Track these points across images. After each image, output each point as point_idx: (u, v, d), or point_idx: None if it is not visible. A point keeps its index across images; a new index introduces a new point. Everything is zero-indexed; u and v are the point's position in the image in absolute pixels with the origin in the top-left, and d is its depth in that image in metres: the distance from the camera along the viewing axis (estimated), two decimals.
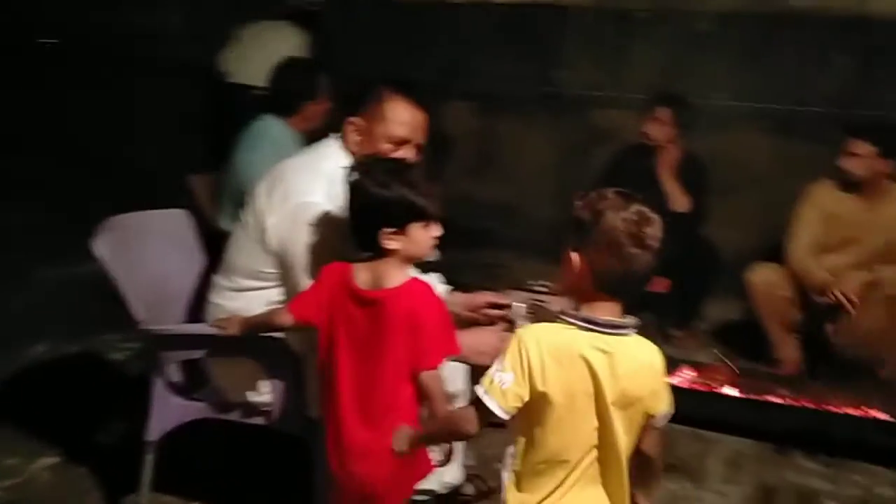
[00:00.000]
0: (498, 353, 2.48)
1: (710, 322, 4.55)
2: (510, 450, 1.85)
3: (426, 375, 2.05)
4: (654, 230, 1.72)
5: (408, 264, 2.13)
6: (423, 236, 2.09)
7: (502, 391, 1.74)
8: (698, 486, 3.14)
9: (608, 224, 1.72)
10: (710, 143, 4.73)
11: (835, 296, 3.77)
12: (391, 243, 2.06)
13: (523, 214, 5.53)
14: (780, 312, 3.98)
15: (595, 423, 1.76)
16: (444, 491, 2.79)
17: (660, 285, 4.46)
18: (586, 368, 1.72)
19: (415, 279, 2.12)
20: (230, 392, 2.58)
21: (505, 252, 5.23)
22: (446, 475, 2.65)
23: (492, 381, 1.76)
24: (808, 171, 4.56)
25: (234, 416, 2.59)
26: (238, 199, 3.46)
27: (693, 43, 4.97)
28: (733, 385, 3.60)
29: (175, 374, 2.65)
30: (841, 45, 4.59)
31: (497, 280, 3.87)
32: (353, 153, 2.44)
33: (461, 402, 2.75)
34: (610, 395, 1.73)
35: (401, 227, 2.06)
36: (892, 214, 3.93)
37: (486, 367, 2.80)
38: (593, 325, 1.73)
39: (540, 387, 1.73)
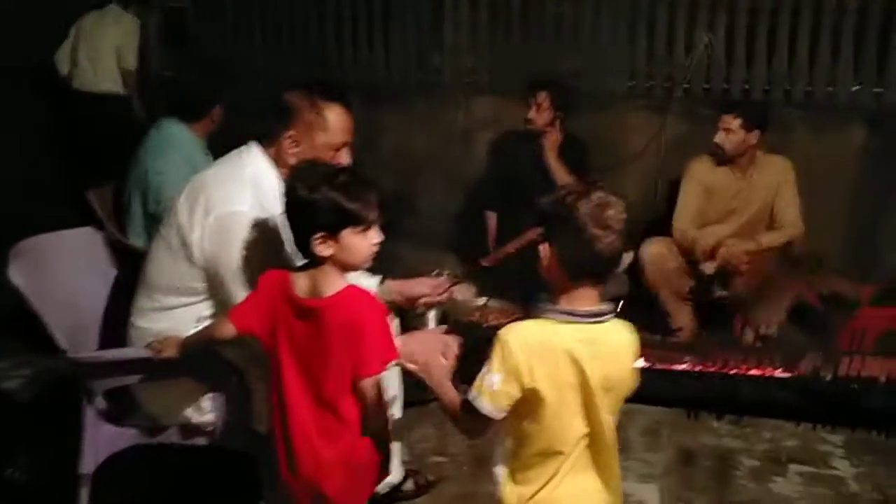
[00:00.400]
0: (440, 356, 2.51)
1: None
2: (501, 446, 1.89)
3: (364, 383, 2.04)
4: (616, 212, 1.78)
5: (345, 271, 2.10)
6: (359, 243, 2.05)
7: (492, 393, 1.77)
8: (624, 458, 3.23)
9: (571, 211, 1.78)
10: (589, 123, 4.90)
11: (724, 259, 4.00)
12: (324, 250, 2.01)
13: (411, 204, 5.53)
14: (673, 283, 4.16)
15: (583, 412, 1.81)
16: (385, 490, 2.80)
17: (522, 240, 4.58)
18: (571, 361, 1.77)
19: (352, 286, 2.10)
20: (165, 414, 2.49)
21: (397, 242, 5.21)
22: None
23: (481, 384, 1.78)
24: (680, 145, 4.83)
25: (172, 438, 2.49)
26: (149, 212, 3.34)
27: (567, 26, 5.09)
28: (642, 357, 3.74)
29: (102, 401, 2.52)
30: (708, 24, 4.81)
31: (395, 271, 3.88)
32: (289, 166, 2.38)
33: (396, 407, 2.77)
34: (595, 382, 1.78)
35: (333, 233, 2.01)
36: (762, 182, 4.20)
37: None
38: (573, 316, 1.78)
39: (528, 384, 1.77)
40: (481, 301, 4.10)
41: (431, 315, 3.72)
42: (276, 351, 2.10)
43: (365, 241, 2.06)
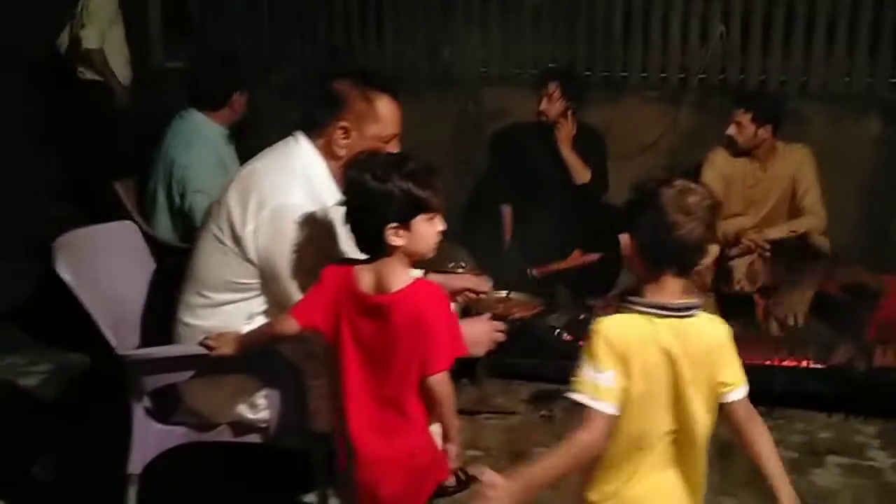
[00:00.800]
0: (491, 342, 2.49)
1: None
2: None
3: (434, 380, 1.99)
4: (699, 200, 1.76)
5: (411, 262, 2.07)
6: (428, 230, 2.03)
7: (607, 389, 1.72)
8: None
9: (651, 197, 1.76)
10: (601, 114, 4.87)
11: (750, 241, 4.01)
12: (396, 240, 1.98)
13: None
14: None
15: (672, 407, 1.78)
16: None
17: (576, 259, 4.59)
18: (663, 355, 1.74)
19: (419, 280, 2.07)
20: (217, 412, 2.43)
21: None
22: None
23: (588, 384, 1.72)
24: (695, 137, 4.82)
25: (223, 436, 2.44)
26: (175, 206, 3.27)
27: (580, 16, 5.06)
28: None
29: (147, 399, 2.46)
30: (723, 14, 4.80)
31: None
32: (338, 157, 2.34)
33: None
34: (686, 377, 1.75)
35: (405, 222, 1.98)
36: (781, 172, 4.20)
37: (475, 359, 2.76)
38: (663, 310, 1.75)
39: (624, 378, 1.74)
40: (503, 294, 4.06)
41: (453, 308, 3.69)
42: (338, 346, 2.06)
43: (432, 229, 2.04)
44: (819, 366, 3.53)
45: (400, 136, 2.45)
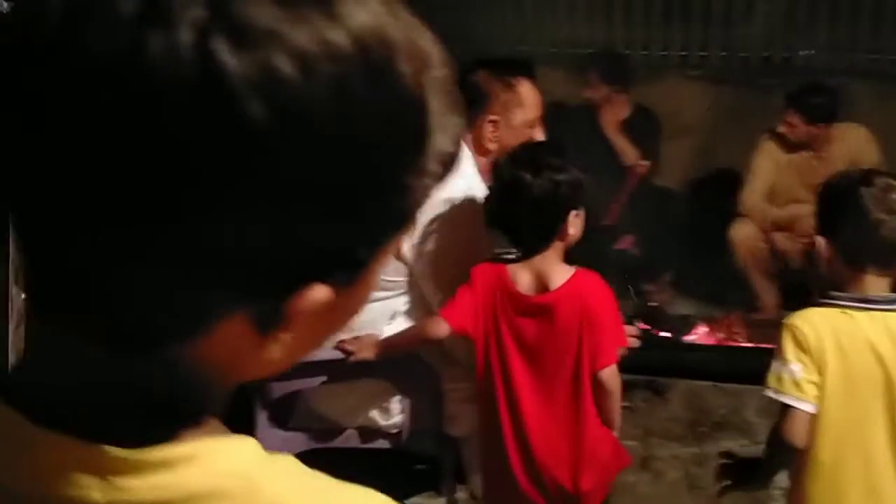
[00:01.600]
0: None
1: (681, 273, 4.59)
2: None
3: (605, 373, 1.97)
4: None
5: (564, 255, 2.01)
6: (583, 216, 2.00)
7: (795, 383, 1.64)
8: (748, 441, 3.18)
9: (852, 198, 1.69)
10: (642, 93, 4.78)
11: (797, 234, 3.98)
12: (573, 228, 1.96)
13: None
14: (762, 262, 4.11)
15: (881, 410, 1.70)
16: None
17: (625, 242, 4.52)
18: (872, 354, 1.66)
19: (580, 272, 2.01)
20: (347, 417, 2.32)
21: None
22: None
23: (780, 379, 1.66)
24: (738, 116, 4.76)
25: (350, 442, 2.33)
26: None
27: None
28: (744, 336, 3.69)
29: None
30: None
31: None
32: (488, 152, 2.24)
33: None
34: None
35: (579, 209, 1.97)
36: (839, 154, 4.10)
37: None
38: (867, 303, 1.67)
39: (815, 373, 1.67)
40: None
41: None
42: (496, 351, 2.00)
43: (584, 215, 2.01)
44: None
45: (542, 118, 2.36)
